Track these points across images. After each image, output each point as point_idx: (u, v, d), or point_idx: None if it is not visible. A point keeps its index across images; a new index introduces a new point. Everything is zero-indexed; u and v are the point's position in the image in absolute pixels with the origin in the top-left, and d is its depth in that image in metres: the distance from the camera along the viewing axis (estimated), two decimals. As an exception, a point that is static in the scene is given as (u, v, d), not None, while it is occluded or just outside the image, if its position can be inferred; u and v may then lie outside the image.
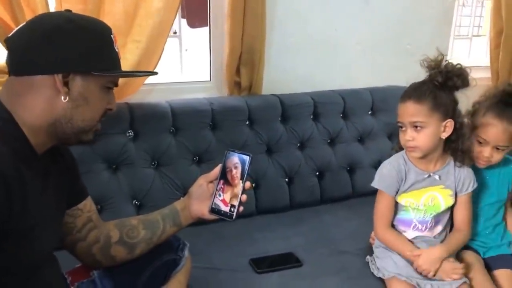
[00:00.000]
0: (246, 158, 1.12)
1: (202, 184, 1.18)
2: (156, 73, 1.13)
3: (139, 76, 1.16)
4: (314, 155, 2.03)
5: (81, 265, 1.19)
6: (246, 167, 1.11)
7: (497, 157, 1.46)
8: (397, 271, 1.40)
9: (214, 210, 1.14)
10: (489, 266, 1.52)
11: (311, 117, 2.06)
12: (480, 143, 1.45)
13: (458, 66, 1.38)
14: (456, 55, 2.90)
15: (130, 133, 1.73)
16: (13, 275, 0.88)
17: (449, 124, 1.36)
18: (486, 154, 1.45)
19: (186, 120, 1.82)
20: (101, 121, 1.01)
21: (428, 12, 2.45)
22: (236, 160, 1.13)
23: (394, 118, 2.16)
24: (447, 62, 1.38)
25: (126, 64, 1.66)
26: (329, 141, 2.09)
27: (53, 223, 1.00)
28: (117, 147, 1.70)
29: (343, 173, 2.10)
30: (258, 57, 1.96)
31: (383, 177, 1.46)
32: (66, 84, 0.90)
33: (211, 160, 1.83)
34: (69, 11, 0.98)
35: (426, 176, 1.43)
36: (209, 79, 2.09)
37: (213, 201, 1.14)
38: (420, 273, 1.37)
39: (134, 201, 1.71)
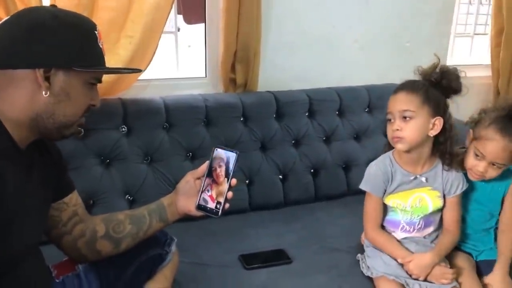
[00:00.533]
0: (233, 155, 1.12)
1: (189, 180, 1.18)
2: (140, 70, 1.14)
3: (123, 73, 1.15)
4: (309, 153, 2.02)
5: (67, 258, 1.19)
6: (232, 164, 1.11)
7: (491, 173, 1.38)
8: (385, 271, 1.38)
9: (201, 206, 1.14)
10: (481, 270, 1.49)
11: (307, 114, 2.06)
12: (477, 155, 1.37)
13: (454, 68, 1.37)
14: (457, 54, 2.88)
15: (123, 129, 1.74)
16: None
17: (438, 122, 1.34)
18: (480, 169, 1.37)
19: (179, 116, 1.82)
20: (86, 116, 1.00)
21: (428, 10, 2.43)
22: (223, 157, 1.13)
23: (391, 116, 2.18)
24: (443, 65, 1.37)
25: (119, 59, 1.66)
26: (324, 138, 2.08)
27: (38, 217, 1.01)
28: (110, 142, 1.71)
29: (339, 171, 2.09)
30: (253, 54, 1.96)
31: (370, 178, 1.45)
32: (47, 79, 0.90)
33: (205, 157, 1.79)
34: (54, 6, 0.98)
35: (413, 178, 1.41)
36: (204, 76, 2.09)
37: (199, 197, 1.14)
38: (410, 275, 1.37)
39: (127, 196, 1.72)
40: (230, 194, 1.12)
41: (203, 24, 2.07)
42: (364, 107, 2.20)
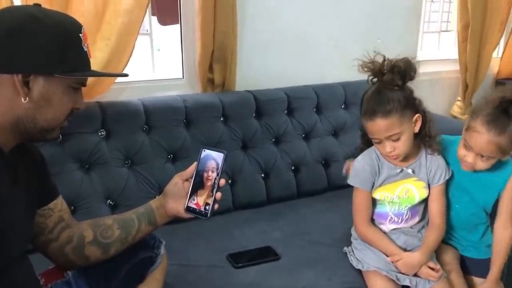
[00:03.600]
0: (220, 155, 1.11)
1: (178, 183, 1.16)
2: (126, 75, 1.11)
3: (107, 76, 1.11)
4: (289, 150, 2.04)
5: (54, 266, 1.16)
6: (221, 164, 1.10)
7: (481, 164, 1.36)
8: (377, 265, 1.40)
9: (190, 208, 1.13)
10: (468, 268, 1.53)
11: (285, 112, 2.07)
12: (465, 146, 1.37)
13: (404, 59, 1.32)
14: (426, 50, 2.97)
15: (102, 132, 1.71)
16: None
17: (418, 118, 1.36)
18: (469, 159, 1.36)
19: (159, 118, 1.80)
20: (69, 120, 0.98)
21: (398, 8, 2.49)
22: (211, 158, 1.12)
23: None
24: (389, 60, 1.33)
25: (96, 61, 1.63)
26: (303, 135, 2.10)
27: (24, 224, 0.98)
28: (89, 146, 1.67)
29: (318, 167, 2.11)
30: (230, 53, 1.96)
31: (357, 173, 1.45)
32: (26, 84, 0.87)
33: (186, 158, 1.82)
34: (38, 5, 0.94)
35: (399, 170, 1.43)
36: (181, 77, 2.08)
37: (188, 199, 1.13)
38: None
39: (109, 201, 1.69)
40: (219, 194, 1.11)
41: (178, 25, 2.06)
42: (341, 104, 2.24)
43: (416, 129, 1.37)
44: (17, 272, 0.95)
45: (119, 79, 1.82)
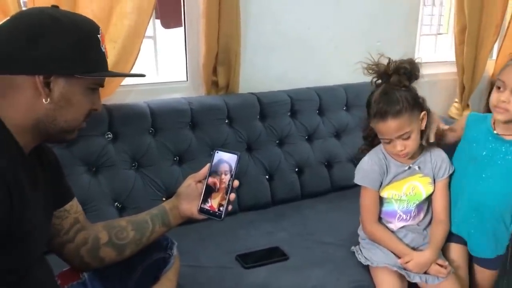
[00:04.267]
0: (234, 157, 1.11)
1: (191, 184, 1.17)
2: (143, 75, 1.12)
3: (126, 76, 1.11)
4: (293, 152, 2.06)
5: (69, 267, 1.17)
6: (234, 166, 1.11)
7: None
8: (387, 261, 1.43)
9: (203, 210, 1.14)
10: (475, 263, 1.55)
11: (289, 114, 2.10)
12: (499, 88, 1.35)
13: (409, 60, 1.37)
14: (422, 52, 3.00)
15: (109, 135, 1.71)
16: (8, 275, 0.86)
17: (424, 116, 1.40)
18: (502, 98, 1.33)
19: (165, 120, 1.81)
20: (87, 121, 0.99)
21: (396, 11, 2.53)
22: (224, 160, 1.13)
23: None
24: (394, 62, 1.37)
25: (104, 64, 1.64)
26: (306, 137, 2.13)
27: (44, 226, 0.99)
28: (96, 149, 1.68)
29: (322, 168, 2.14)
30: (234, 56, 1.98)
31: (366, 173, 1.48)
32: (47, 85, 0.88)
33: (192, 160, 1.83)
34: (56, 7, 0.95)
35: (407, 168, 1.46)
36: (185, 79, 2.09)
37: (201, 201, 1.14)
38: None
39: (116, 203, 1.69)
40: (232, 196, 1.11)
41: (179, 28, 2.07)
42: (342, 106, 2.27)
43: (423, 126, 1.41)
44: (38, 273, 0.96)
45: (124, 82, 1.82)
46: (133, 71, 1.79)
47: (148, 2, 1.71)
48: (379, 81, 1.41)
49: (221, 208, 1.12)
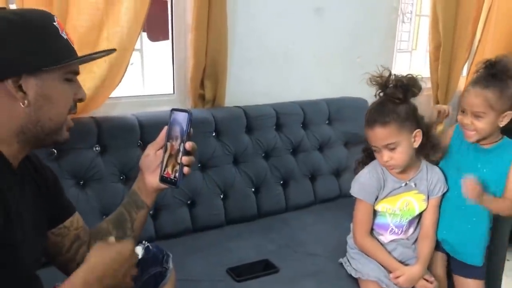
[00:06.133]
0: (184, 115, 1.02)
1: (150, 154, 1.11)
2: (114, 50, 1.07)
3: (95, 58, 1.07)
4: (279, 165, 2.09)
5: (62, 283, 1.14)
6: (185, 127, 1.01)
7: (478, 125, 1.42)
8: (376, 275, 1.46)
9: (162, 178, 1.06)
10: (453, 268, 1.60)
11: (274, 127, 2.13)
12: (463, 112, 1.46)
13: (409, 75, 1.42)
14: (399, 68, 3.11)
15: (97, 148, 1.70)
16: None
17: (418, 134, 1.42)
18: (466, 121, 1.43)
19: (154, 133, 1.73)
20: (74, 113, 0.96)
21: (375, 28, 2.62)
22: (178, 121, 1.04)
23: (349, 127, 2.31)
24: (395, 75, 1.41)
25: (94, 76, 1.64)
26: (291, 150, 2.16)
27: (34, 243, 0.96)
28: (84, 162, 1.66)
29: (306, 181, 2.18)
30: (221, 70, 2.00)
31: (363, 186, 1.50)
32: (20, 88, 0.85)
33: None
34: (3, 8, 0.91)
35: (403, 184, 1.49)
36: (172, 92, 2.09)
37: (161, 169, 1.06)
38: None
39: (104, 216, 1.66)
40: (185, 159, 1.02)
41: (167, 41, 2.08)
42: (325, 120, 2.32)
43: (416, 144, 1.43)
44: None
45: (112, 94, 1.81)
46: (120, 84, 1.79)
47: (140, 14, 1.71)
48: (382, 93, 1.45)
49: (176, 174, 1.02)
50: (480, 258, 1.56)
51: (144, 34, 2.32)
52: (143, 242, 1.26)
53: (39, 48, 0.87)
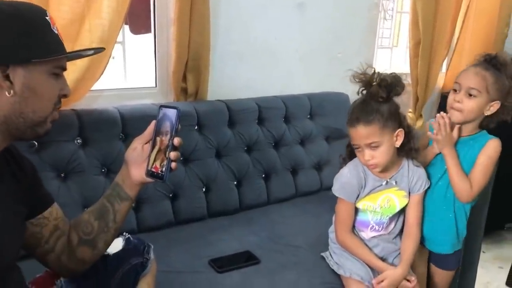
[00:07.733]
0: (173, 112, 1.05)
1: (137, 147, 1.10)
2: (103, 49, 1.08)
3: (85, 56, 1.07)
4: (261, 158, 2.11)
5: (44, 273, 1.15)
6: (174, 122, 1.04)
7: (468, 104, 1.45)
8: (358, 272, 1.48)
9: (149, 172, 1.06)
10: (434, 261, 1.65)
11: (256, 121, 2.14)
12: (455, 90, 1.48)
13: (393, 74, 1.42)
14: (380, 64, 3.15)
15: (79, 141, 1.69)
16: None
17: (400, 133, 1.42)
18: (457, 98, 1.46)
19: (136, 126, 1.78)
20: (57, 110, 0.96)
21: (356, 25, 2.65)
22: (167, 117, 1.06)
23: (330, 122, 2.34)
24: (379, 73, 1.40)
25: (75, 69, 1.63)
26: (273, 144, 2.18)
27: (12, 233, 0.96)
28: (66, 154, 1.65)
29: (287, 174, 2.20)
30: (204, 63, 2.00)
31: (344, 185, 1.51)
32: (7, 77, 0.86)
33: (163, 165, 1.83)
34: None
35: (384, 182, 1.50)
36: (154, 85, 2.09)
37: (148, 163, 1.06)
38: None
39: (85, 209, 1.66)
40: (173, 154, 1.03)
41: (149, 34, 2.07)
42: (306, 114, 2.34)
43: (397, 144, 1.43)
44: (7, 284, 0.94)
45: (93, 87, 1.80)
46: (102, 77, 1.78)
47: (122, 6, 1.71)
48: (365, 90, 1.44)
49: (163, 169, 1.04)
50: (448, 247, 1.60)
51: (126, 27, 2.31)
52: (124, 233, 1.28)
53: (30, 39, 0.88)
